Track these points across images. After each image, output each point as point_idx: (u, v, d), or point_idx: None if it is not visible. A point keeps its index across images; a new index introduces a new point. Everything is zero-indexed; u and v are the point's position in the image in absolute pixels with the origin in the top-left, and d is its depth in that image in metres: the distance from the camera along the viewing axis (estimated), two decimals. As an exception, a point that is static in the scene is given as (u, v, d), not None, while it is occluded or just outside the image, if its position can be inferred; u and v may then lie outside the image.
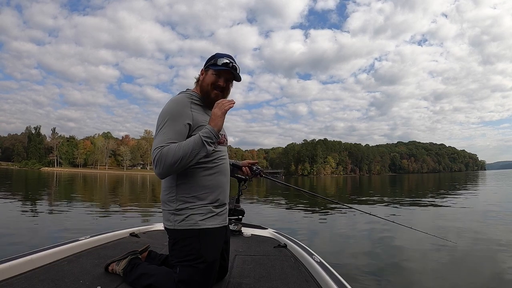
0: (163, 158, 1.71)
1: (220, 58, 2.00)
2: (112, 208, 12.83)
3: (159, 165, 1.72)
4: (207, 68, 2.03)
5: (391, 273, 4.80)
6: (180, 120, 1.82)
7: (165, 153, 1.71)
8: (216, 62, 2.00)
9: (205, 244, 1.84)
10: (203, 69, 2.05)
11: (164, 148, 1.73)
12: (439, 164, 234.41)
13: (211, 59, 2.03)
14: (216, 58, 2.01)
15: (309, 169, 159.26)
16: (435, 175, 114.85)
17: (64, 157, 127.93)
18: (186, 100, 1.92)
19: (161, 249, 2.68)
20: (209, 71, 2.01)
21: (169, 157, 1.71)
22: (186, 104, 1.89)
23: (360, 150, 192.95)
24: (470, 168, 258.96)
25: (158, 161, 1.72)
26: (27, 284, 1.87)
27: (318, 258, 2.47)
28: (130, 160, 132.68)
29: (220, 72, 1.99)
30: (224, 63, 1.98)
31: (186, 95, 1.97)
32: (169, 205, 1.88)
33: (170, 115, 1.82)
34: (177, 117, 1.82)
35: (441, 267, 5.03)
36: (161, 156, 1.71)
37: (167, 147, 1.73)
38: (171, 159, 1.71)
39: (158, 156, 1.72)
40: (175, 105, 1.87)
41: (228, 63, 1.99)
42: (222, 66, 1.98)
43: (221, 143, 2.01)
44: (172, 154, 1.71)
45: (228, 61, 1.99)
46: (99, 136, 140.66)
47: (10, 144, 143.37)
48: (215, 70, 1.99)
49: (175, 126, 1.80)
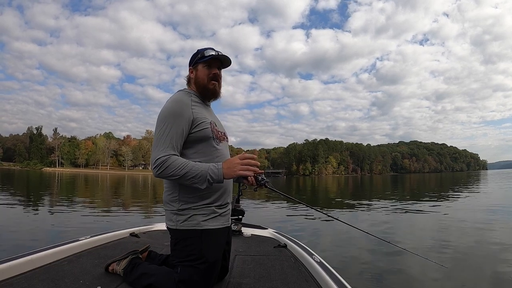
0: (166, 165, 1.73)
1: (206, 51, 2.02)
2: (113, 208, 12.84)
3: (159, 169, 1.74)
4: (195, 64, 2.04)
5: (391, 273, 4.78)
6: (182, 120, 1.82)
7: (170, 163, 1.74)
8: (203, 56, 2.01)
9: (207, 245, 1.84)
10: (191, 68, 2.06)
11: (172, 158, 1.75)
12: (440, 164, 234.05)
13: (195, 56, 2.05)
14: (201, 53, 2.03)
15: (310, 169, 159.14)
16: (437, 175, 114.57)
17: (66, 158, 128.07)
18: (187, 98, 1.92)
19: (161, 249, 2.69)
20: (199, 66, 2.02)
21: (172, 167, 1.73)
22: (187, 103, 1.89)
23: (361, 150, 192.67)
24: (471, 168, 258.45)
25: (161, 165, 1.73)
26: (27, 284, 1.88)
27: (318, 258, 2.47)
28: (131, 160, 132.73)
29: (210, 62, 2.01)
30: (210, 54, 2.01)
31: (185, 93, 1.97)
32: (172, 205, 1.88)
33: (172, 115, 1.82)
34: (179, 117, 1.82)
35: (441, 267, 5.01)
36: (165, 164, 1.73)
37: (174, 157, 1.76)
38: (173, 172, 1.74)
39: (164, 160, 1.74)
40: (176, 104, 1.87)
41: (214, 54, 2.02)
42: (208, 56, 2.01)
43: (222, 140, 2.01)
44: (176, 167, 1.74)
45: (214, 52, 2.02)
46: (101, 136, 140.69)
47: (12, 144, 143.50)
48: (205, 62, 2.01)
49: (177, 127, 1.81)
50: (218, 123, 2.09)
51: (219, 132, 2.01)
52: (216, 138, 1.96)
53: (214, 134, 1.94)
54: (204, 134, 1.89)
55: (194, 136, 1.87)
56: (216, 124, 2.01)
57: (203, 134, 1.89)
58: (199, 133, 1.88)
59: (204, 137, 1.89)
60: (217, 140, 1.96)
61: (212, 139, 1.93)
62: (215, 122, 2.03)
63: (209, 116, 2.00)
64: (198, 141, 1.89)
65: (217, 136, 1.97)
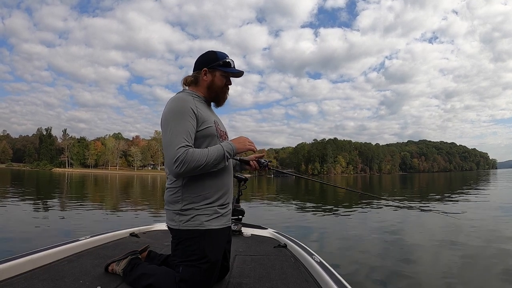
0: (188, 160, 1.72)
1: (226, 59, 2.03)
2: (113, 208, 12.93)
3: (182, 165, 1.72)
4: (212, 68, 2.01)
5: (391, 273, 4.75)
6: (188, 117, 1.82)
7: (190, 156, 1.73)
8: (224, 64, 2.01)
9: (210, 245, 1.84)
10: (207, 69, 2.01)
11: (190, 150, 1.75)
12: (450, 163, 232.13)
13: (213, 59, 2.01)
14: (222, 59, 2.02)
15: (319, 169, 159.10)
16: (446, 174, 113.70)
17: (75, 158, 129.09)
18: (189, 97, 1.93)
19: (161, 249, 2.69)
20: (216, 73, 2.01)
21: (194, 160, 1.73)
22: (190, 101, 1.89)
23: (370, 149, 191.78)
24: (481, 167, 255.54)
25: (182, 162, 1.72)
26: (27, 284, 1.88)
27: (318, 258, 2.46)
28: (140, 160, 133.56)
29: (229, 74, 2.04)
30: (233, 67, 2.05)
31: (187, 94, 1.97)
32: (174, 205, 1.88)
33: (179, 112, 1.82)
34: (186, 113, 1.82)
35: (442, 268, 4.98)
36: (187, 158, 1.72)
37: (192, 149, 1.76)
38: (196, 163, 1.74)
39: (183, 156, 1.72)
40: (180, 102, 1.87)
41: (234, 66, 2.05)
42: (232, 69, 2.04)
43: (224, 139, 2.03)
44: (197, 158, 1.74)
45: (232, 63, 2.05)
46: (110, 137, 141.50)
47: (22, 145, 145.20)
48: (225, 72, 2.02)
49: (185, 123, 1.80)
50: (220, 122, 2.11)
51: (221, 131, 2.03)
52: (220, 137, 1.98)
53: (218, 133, 1.97)
54: (210, 132, 1.91)
55: (200, 134, 1.88)
56: (218, 124, 2.03)
57: (208, 132, 1.90)
58: (204, 131, 1.89)
59: (209, 135, 1.91)
60: (221, 139, 1.98)
61: (217, 137, 1.95)
62: (218, 121, 2.05)
63: (212, 115, 2.02)
64: (203, 139, 1.89)
65: (220, 135, 2.00)
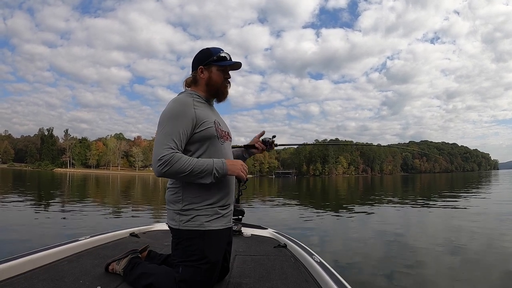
0: (172, 162, 1.72)
1: (220, 54, 2.01)
2: (114, 208, 12.95)
3: (165, 166, 1.72)
4: (208, 65, 2.01)
5: (391, 273, 4.76)
6: (184, 119, 1.81)
7: (176, 159, 1.72)
8: (220, 58, 2.00)
9: (210, 245, 1.84)
10: (203, 67, 2.00)
11: (177, 154, 1.74)
12: (451, 164, 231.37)
13: (208, 56, 2.00)
14: (216, 55, 2.00)
15: (320, 169, 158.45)
16: (447, 175, 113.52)
17: (77, 158, 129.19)
18: (188, 98, 1.92)
19: (161, 249, 2.68)
20: (213, 68, 2.00)
21: (178, 164, 1.72)
22: (189, 103, 1.88)
23: (371, 150, 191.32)
24: (482, 168, 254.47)
25: (166, 163, 1.71)
26: (27, 284, 1.88)
27: (318, 258, 2.45)
28: (142, 161, 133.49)
29: (225, 67, 2.02)
30: (230, 59, 2.03)
31: (186, 94, 1.97)
32: (175, 205, 1.88)
33: (174, 115, 1.82)
34: (181, 117, 1.81)
35: (443, 268, 4.97)
36: (172, 160, 1.72)
37: (179, 154, 1.76)
38: (180, 168, 1.73)
39: (168, 157, 1.71)
40: (178, 105, 1.87)
41: (230, 59, 2.03)
42: (227, 62, 2.01)
43: (226, 139, 2.01)
44: (182, 164, 1.73)
45: (228, 56, 2.03)
46: (111, 137, 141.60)
47: (23, 145, 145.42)
48: (220, 66, 2.00)
49: (178, 126, 1.79)
50: (222, 122, 2.08)
51: (223, 131, 2.01)
52: (221, 137, 1.96)
53: (219, 134, 1.94)
54: (209, 133, 1.89)
55: (199, 135, 1.87)
56: (220, 124, 2.01)
57: (207, 133, 1.88)
58: (203, 132, 1.87)
59: (208, 136, 1.89)
60: (222, 140, 1.96)
61: (217, 138, 1.93)
62: (219, 121, 2.02)
63: (213, 115, 2.00)
64: (202, 140, 1.88)
65: (221, 135, 1.97)
